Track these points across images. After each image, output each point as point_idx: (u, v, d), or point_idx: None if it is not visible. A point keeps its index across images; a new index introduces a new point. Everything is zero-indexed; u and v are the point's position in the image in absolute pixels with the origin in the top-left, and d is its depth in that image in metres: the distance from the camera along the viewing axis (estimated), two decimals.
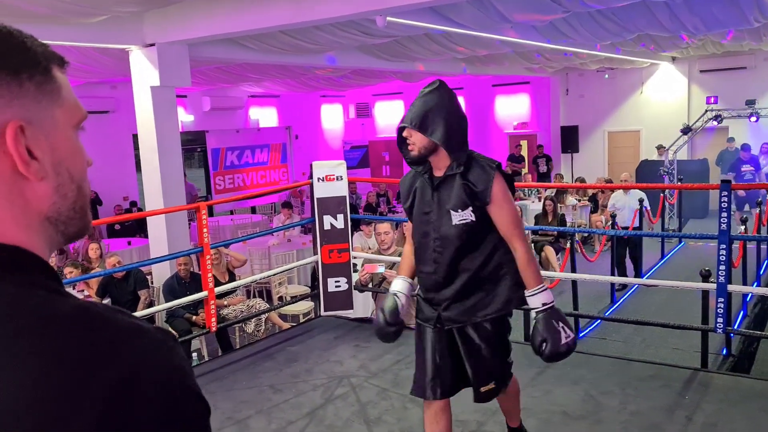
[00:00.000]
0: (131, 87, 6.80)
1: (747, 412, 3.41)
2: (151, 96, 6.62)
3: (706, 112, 12.09)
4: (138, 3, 5.61)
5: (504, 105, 16.02)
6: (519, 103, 15.88)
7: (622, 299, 7.66)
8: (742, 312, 6.84)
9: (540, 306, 2.37)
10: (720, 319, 3.96)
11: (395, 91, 16.31)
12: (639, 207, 8.56)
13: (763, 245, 8.11)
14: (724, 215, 3.90)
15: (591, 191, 11.29)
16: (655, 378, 3.83)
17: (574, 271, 6.67)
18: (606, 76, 14.18)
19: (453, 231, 2.40)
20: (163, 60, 6.53)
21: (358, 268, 5.39)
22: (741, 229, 7.52)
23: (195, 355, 5.80)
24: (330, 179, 4.94)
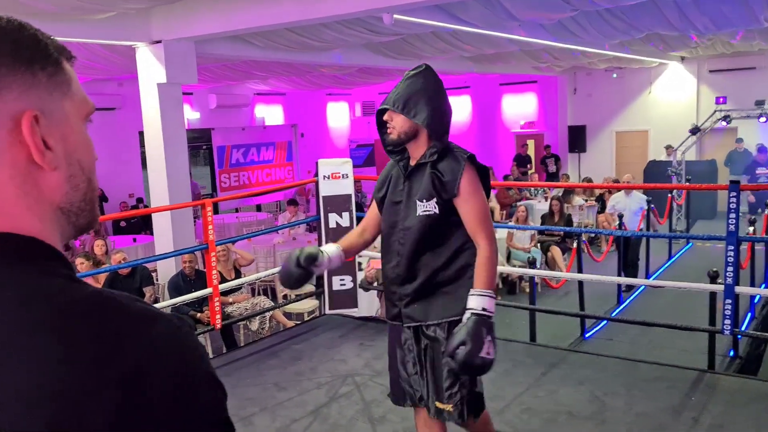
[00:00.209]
0: (138, 84, 6.81)
1: (754, 413, 3.39)
2: (158, 93, 6.63)
3: (715, 112, 12.02)
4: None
5: (511, 104, 15.95)
6: (526, 102, 15.81)
7: (628, 300, 7.62)
8: (749, 314, 6.80)
9: (479, 309, 2.11)
10: (727, 321, 3.94)
11: None
12: (647, 207, 8.49)
13: None
14: (732, 216, 3.88)
15: (598, 191, 11.24)
16: (662, 379, 3.81)
17: (580, 272, 6.64)
18: (614, 75, 14.09)
19: (416, 222, 2.25)
20: (170, 57, 6.53)
21: (363, 266, 5.38)
22: (749, 231, 7.48)
23: None
24: (336, 177, 4.94)
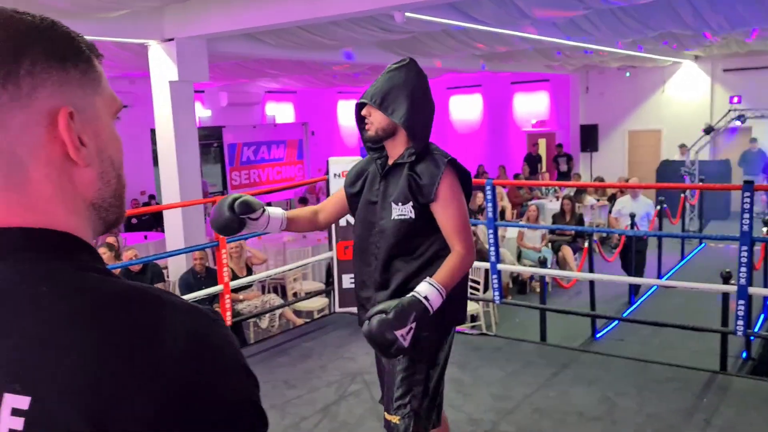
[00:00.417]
0: (149, 82, 6.84)
1: (767, 416, 3.36)
2: (170, 91, 6.66)
3: (729, 111, 11.91)
4: None
5: (522, 103, 15.89)
6: (538, 101, 15.74)
7: (640, 300, 7.57)
8: (762, 315, 6.74)
9: (421, 297, 1.95)
10: (740, 322, 3.91)
11: None
12: (658, 209, 8.41)
13: None
14: (746, 216, 3.84)
15: (610, 191, 11.17)
16: (673, 380, 3.78)
17: (591, 271, 6.61)
18: (627, 74, 13.98)
19: (390, 225, 2.14)
20: (182, 55, 6.56)
21: None
22: (763, 231, 7.41)
23: None
24: (346, 175, 4.93)
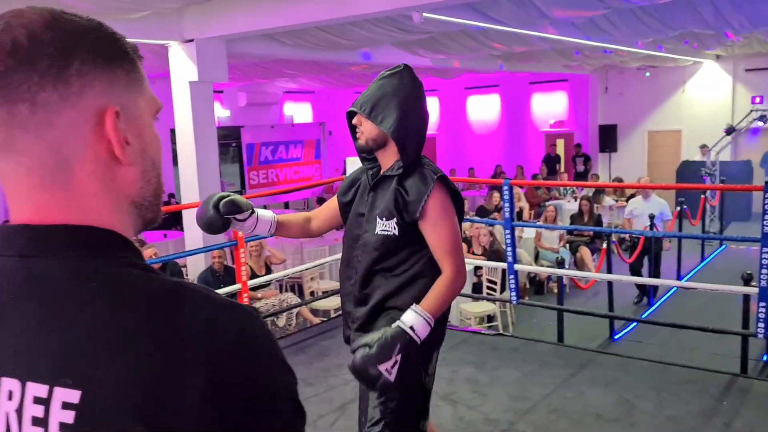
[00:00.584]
0: (169, 82, 6.91)
1: None
2: (189, 91, 6.73)
3: (750, 112, 11.76)
4: None
5: (540, 103, 15.80)
6: (556, 101, 15.64)
7: (659, 302, 7.51)
8: None
9: (406, 326, 1.86)
10: (761, 324, 3.86)
11: (430, 88, 16.24)
12: (671, 213, 8.29)
13: None
14: (767, 218, 3.79)
15: (629, 192, 11.07)
16: (692, 383, 3.75)
17: (610, 272, 6.56)
18: (647, 74, 13.85)
19: (373, 240, 2.05)
20: (202, 55, 6.62)
21: None
22: None
23: None
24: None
